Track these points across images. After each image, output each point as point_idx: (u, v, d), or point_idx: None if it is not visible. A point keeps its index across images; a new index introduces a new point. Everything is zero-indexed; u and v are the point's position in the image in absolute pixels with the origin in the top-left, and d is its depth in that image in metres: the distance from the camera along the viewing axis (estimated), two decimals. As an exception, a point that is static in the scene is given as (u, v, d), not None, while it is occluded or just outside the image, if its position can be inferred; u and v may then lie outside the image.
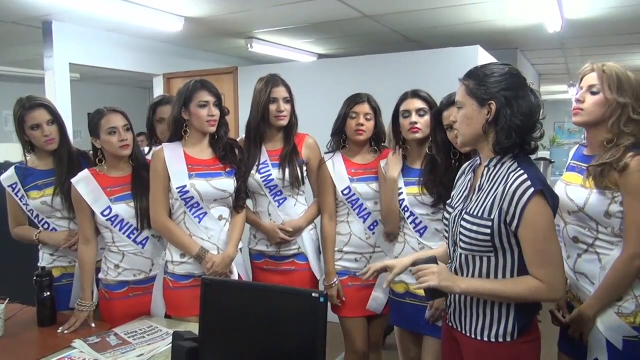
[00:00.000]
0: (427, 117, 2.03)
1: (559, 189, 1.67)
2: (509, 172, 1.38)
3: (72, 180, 2.01)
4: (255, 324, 1.42)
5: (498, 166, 1.42)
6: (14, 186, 2.15)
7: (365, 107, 2.18)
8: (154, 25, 3.88)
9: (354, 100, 2.20)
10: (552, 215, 1.35)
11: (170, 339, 1.70)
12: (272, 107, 2.20)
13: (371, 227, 2.20)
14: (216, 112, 2.05)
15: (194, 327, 1.69)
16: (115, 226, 2.02)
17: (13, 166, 2.19)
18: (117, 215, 2.02)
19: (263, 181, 2.21)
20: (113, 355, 1.71)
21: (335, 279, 2.21)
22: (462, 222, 1.44)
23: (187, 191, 2.00)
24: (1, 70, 5.62)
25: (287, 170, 2.20)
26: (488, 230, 1.37)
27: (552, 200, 1.35)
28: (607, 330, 1.57)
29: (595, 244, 1.60)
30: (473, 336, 1.46)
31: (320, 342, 1.32)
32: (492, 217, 1.36)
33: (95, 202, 2.00)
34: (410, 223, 2.05)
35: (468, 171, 1.58)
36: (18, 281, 2.36)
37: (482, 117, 1.40)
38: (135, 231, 2.05)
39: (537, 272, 1.34)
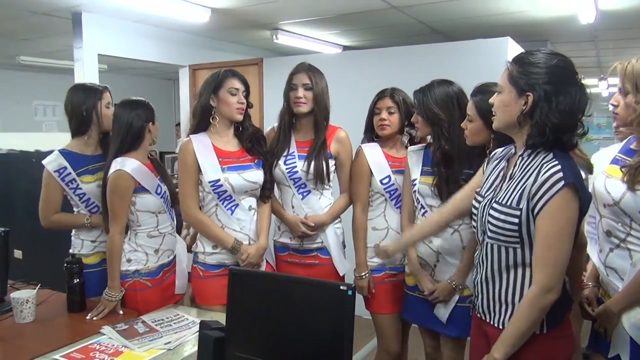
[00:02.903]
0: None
1: (599, 180, 1.64)
2: (543, 162, 1.35)
3: (118, 164, 1.99)
4: (282, 316, 1.42)
5: (532, 156, 1.40)
6: (61, 171, 2.16)
7: (387, 102, 2.16)
8: (181, 17, 3.90)
9: (377, 95, 2.20)
10: (576, 214, 1.32)
11: (196, 328, 1.72)
12: (292, 94, 2.17)
13: None
14: (245, 101, 2.06)
15: (220, 317, 1.70)
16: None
17: (56, 151, 2.21)
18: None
19: (287, 173, 2.19)
20: (141, 342, 1.74)
21: (366, 272, 2.18)
22: (491, 211, 1.42)
23: (221, 185, 2.01)
24: (32, 61, 5.73)
25: (312, 163, 2.16)
26: (516, 220, 1.35)
27: (584, 196, 1.31)
28: (632, 328, 1.53)
29: (627, 240, 1.56)
30: (502, 327, 1.44)
31: (348, 336, 1.31)
32: (521, 206, 1.35)
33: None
34: (422, 216, 2.03)
35: (501, 160, 1.56)
36: (49, 267, 2.41)
37: (518, 107, 1.37)
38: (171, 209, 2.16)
39: (536, 274, 1.34)
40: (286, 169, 2.19)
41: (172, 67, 4.85)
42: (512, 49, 3.41)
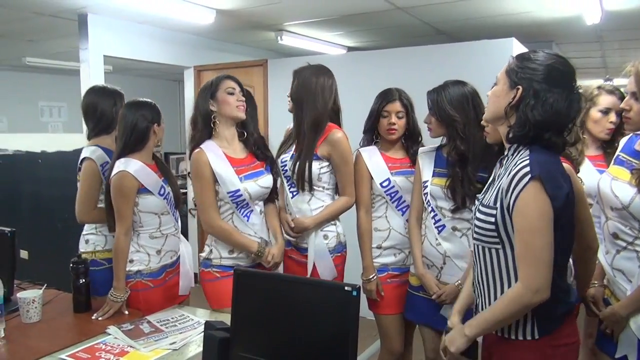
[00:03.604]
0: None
1: (603, 182, 1.62)
2: (518, 159, 1.34)
3: (121, 165, 2.00)
4: (287, 316, 1.43)
5: (514, 154, 1.39)
6: (104, 165, 2.21)
7: (397, 106, 2.15)
8: (186, 18, 3.91)
9: (386, 98, 2.17)
10: (547, 206, 1.27)
11: (201, 328, 1.73)
12: None
13: None
14: (243, 99, 2.07)
15: (225, 318, 1.71)
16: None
17: (94, 146, 2.25)
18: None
19: (282, 170, 2.21)
20: (146, 342, 1.74)
21: (373, 274, 2.18)
22: (477, 214, 1.42)
23: (241, 195, 2.03)
24: (38, 62, 5.76)
25: (297, 164, 2.13)
26: (493, 219, 1.35)
27: (554, 189, 1.27)
28: None
29: (635, 243, 1.55)
30: (499, 333, 1.42)
31: (353, 336, 1.31)
32: (496, 205, 1.34)
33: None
34: (432, 218, 2.03)
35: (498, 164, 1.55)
36: (55, 268, 2.42)
37: (507, 99, 1.37)
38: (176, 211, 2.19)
39: (520, 273, 1.31)
40: (281, 165, 2.21)
41: (177, 68, 4.86)
42: (517, 49, 3.41)
